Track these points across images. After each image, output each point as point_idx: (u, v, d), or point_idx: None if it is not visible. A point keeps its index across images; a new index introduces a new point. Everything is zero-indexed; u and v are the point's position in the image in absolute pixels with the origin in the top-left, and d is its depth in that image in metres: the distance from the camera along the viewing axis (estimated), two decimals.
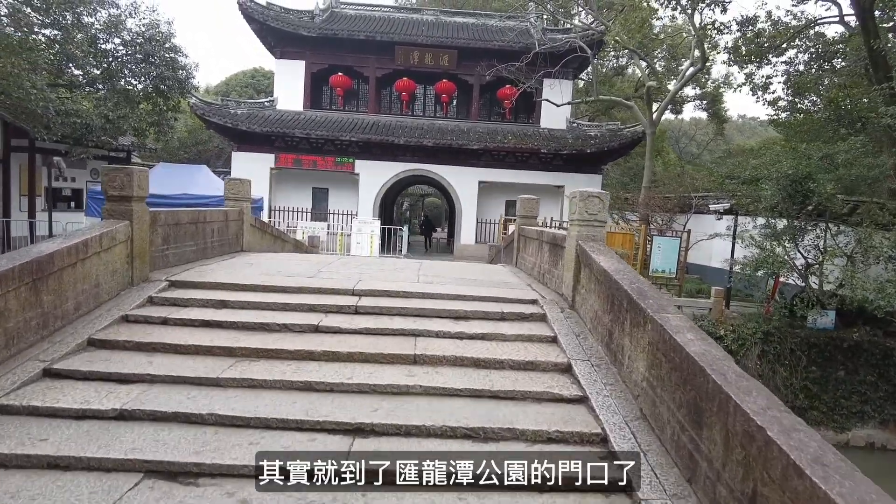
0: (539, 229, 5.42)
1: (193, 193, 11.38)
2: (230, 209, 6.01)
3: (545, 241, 5.07)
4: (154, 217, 4.30)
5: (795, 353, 11.42)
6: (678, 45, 27.63)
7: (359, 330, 3.55)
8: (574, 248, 4.11)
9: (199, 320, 3.57)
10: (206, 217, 5.30)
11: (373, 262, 5.70)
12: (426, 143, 19.73)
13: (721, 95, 32.75)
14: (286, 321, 3.59)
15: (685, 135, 43.08)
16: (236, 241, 6.19)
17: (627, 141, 21.02)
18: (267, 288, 4.19)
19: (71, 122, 11.36)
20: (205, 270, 4.65)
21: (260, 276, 4.56)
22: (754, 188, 12.79)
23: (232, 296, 4.00)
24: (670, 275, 13.93)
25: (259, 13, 19.96)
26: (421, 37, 20.90)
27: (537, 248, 5.44)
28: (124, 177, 3.83)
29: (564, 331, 3.71)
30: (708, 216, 18.73)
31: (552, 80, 19.23)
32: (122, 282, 3.88)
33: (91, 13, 12.07)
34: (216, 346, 3.24)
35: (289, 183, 21.13)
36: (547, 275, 4.96)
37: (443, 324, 3.76)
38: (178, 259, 4.78)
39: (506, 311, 3.97)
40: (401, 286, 4.42)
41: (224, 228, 5.79)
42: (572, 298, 4.16)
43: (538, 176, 21.04)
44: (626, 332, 3.13)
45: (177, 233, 4.75)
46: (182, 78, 13.54)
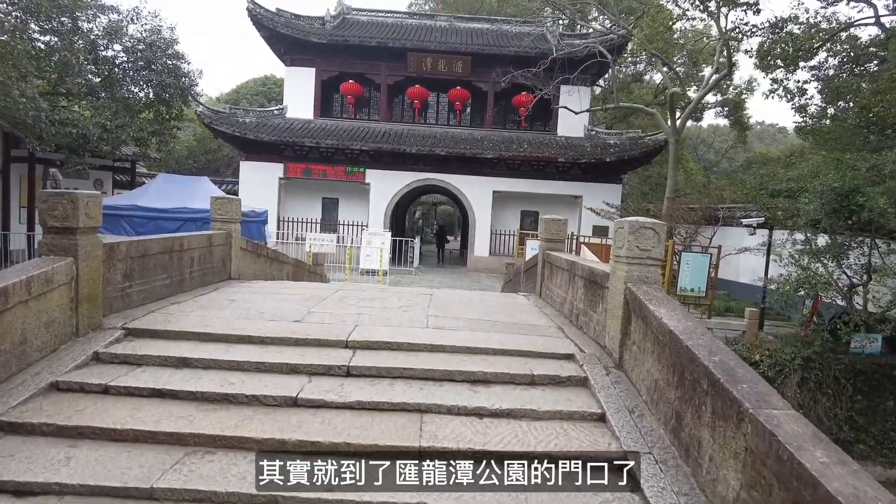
0: (570, 259, 4.60)
1: (193, 207, 10.75)
2: (215, 233, 5.28)
3: (579, 275, 4.25)
4: (111, 250, 3.58)
5: (839, 382, 10.46)
6: (700, 51, 26.65)
7: (349, 404, 2.76)
8: (622, 293, 3.29)
9: (148, 389, 2.81)
10: (184, 244, 4.58)
11: (376, 295, 4.91)
12: (439, 152, 19.03)
13: (743, 102, 31.69)
14: (257, 391, 2.82)
15: (703, 142, 41.97)
16: (223, 269, 5.46)
17: (649, 149, 20.13)
18: (241, 338, 3.43)
19: (67, 132, 10.82)
20: (173, 312, 3.90)
21: (236, 319, 3.80)
22: (793, 202, 11.83)
23: (196, 350, 3.24)
24: (699, 293, 12.97)
25: (269, 20, 19.50)
26: (434, 43, 20.26)
27: (568, 281, 4.62)
28: (67, 204, 3.11)
29: (614, 404, 2.89)
30: (736, 229, 17.68)
31: (570, 86, 18.43)
32: (63, 333, 3.15)
33: (90, 19, 11.57)
34: (162, 430, 2.48)
35: (298, 193, 20.56)
36: (582, 316, 4.13)
37: (457, 392, 2.96)
38: (144, 297, 4.05)
39: (536, 374, 3.16)
40: (406, 334, 3.63)
41: (207, 255, 5.06)
42: (619, 355, 3.34)
43: (555, 186, 20.23)
44: (706, 423, 2.32)
45: (144, 266, 4.03)
46: (185, 86, 13.00)
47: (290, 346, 3.39)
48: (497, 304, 5.03)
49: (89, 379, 2.84)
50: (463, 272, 19.96)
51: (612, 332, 3.43)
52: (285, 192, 20.30)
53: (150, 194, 11.22)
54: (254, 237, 12.45)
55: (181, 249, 4.53)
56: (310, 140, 19.01)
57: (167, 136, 13.51)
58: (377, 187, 19.79)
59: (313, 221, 20.28)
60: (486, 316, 4.32)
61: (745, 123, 31.76)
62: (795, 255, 11.15)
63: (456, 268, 21.42)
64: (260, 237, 12.78)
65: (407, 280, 16.87)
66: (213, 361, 3.11)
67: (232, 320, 3.76)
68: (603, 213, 18.35)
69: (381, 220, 19.83)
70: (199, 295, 4.55)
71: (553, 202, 20.87)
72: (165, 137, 13.43)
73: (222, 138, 20.65)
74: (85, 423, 2.47)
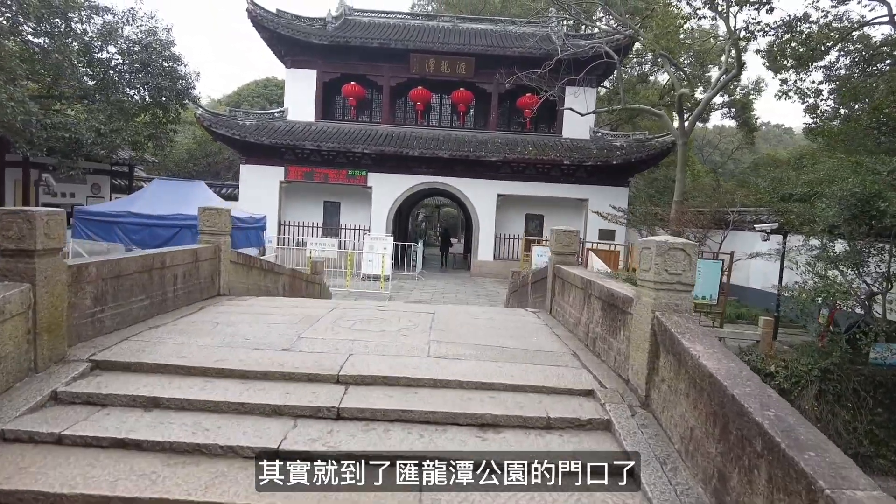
0: (586, 276, 4.21)
1: (187, 213, 10.41)
2: (202, 247, 4.92)
3: (595, 296, 3.87)
4: (79, 272, 3.22)
5: (859, 394, 10.07)
6: (707, 51, 26.22)
7: (339, 455, 2.39)
8: (648, 322, 2.91)
9: (109, 438, 2.45)
10: (167, 261, 4.22)
11: (373, 315, 4.54)
12: (442, 155, 18.68)
13: (751, 103, 31.25)
14: (233, 440, 2.45)
15: (708, 143, 41.54)
16: (211, 285, 5.10)
17: (656, 151, 19.73)
18: (221, 372, 3.07)
19: (59, 136, 10.52)
20: (149, 340, 3.54)
21: (218, 348, 3.43)
22: (808, 206, 11.41)
23: (170, 387, 2.88)
24: (711, 301, 12.55)
25: (269, 21, 19.20)
26: (437, 44, 19.92)
27: (582, 301, 4.24)
28: (23, 223, 2.75)
29: (643, 453, 2.51)
30: (746, 233, 17.25)
31: (575, 87, 18.05)
32: (17, 370, 2.79)
33: (83, 20, 11.27)
34: (119, 496, 2.11)
35: (299, 197, 20.24)
36: (600, 342, 3.75)
37: (462, 440, 2.58)
38: (119, 321, 3.69)
39: (553, 416, 2.77)
40: (405, 366, 3.26)
41: (193, 271, 4.70)
42: (645, 392, 2.96)
43: (560, 189, 19.86)
44: (760, 492, 1.94)
45: (119, 287, 3.67)
46: (181, 88, 12.69)
47: (275, 381, 3.03)
48: (505, 323, 4.65)
49: (41, 426, 2.48)
50: (466, 277, 19.59)
51: (637, 365, 3.05)
52: (286, 196, 19.99)
53: (144, 200, 10.91)
54: (252, 244, 12.12)
55: (163, 267, 4.18)
56: (311, 143, 18.70)
57: (164, 140, 13.18)
58: (379, 191, 19.45)
59: (315, 226, 19.96)
60: (493, 340, 3.94)
61: (752, 125, 31.32)
62: (812, 262, 10.74)
63: (459, 272, 21.05)
64: (258, 244, 12.45)
65: (409, 286, 16.51)
66: (187, 402, 2.75)
67: (213, 349, 3.39)
68: (610, 217, 17.94)
69: (384, 224, 19.48)
70: (181, 316, 4.19)
71: (558, 205, 20.49)
72: (162, 141, 13.11)
73: (222, 141, 20.36)
74: (26, 486, 2.11)
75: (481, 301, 14.55)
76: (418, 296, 14.84)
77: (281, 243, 18.90)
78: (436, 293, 15.47)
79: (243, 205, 18.51)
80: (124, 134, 11.57)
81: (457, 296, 15.20)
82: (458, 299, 14.65)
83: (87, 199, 16.27)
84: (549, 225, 20.89)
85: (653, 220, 17.61)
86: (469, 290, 16.40)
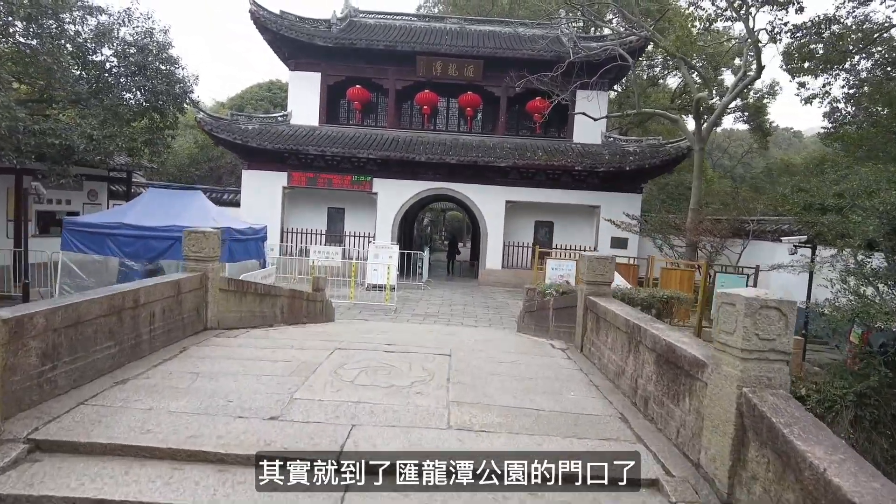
0: (631, 318, 3.56)
1: (183, 225, 9.81)
2: (186, 277, 4.30)
3: (647, 346, 3.23)
4: (19, 326, 2.61)
5: None
6: (722, 54, 25.53)
7: None
8: (733, 399, 2.28)
9: None
10: (140, 298, 3.62)
11: (381, 360, 3.91)
12: (449, 161, 18.07)
13: (765, 107, 30.51)
14: None
15: (717, 147, 40.78)
16: (196, 319, 4.49)
17: (671, 157, 19.05)
18: (194, 455, 2.45)
19: (49, 143, 9.97)
20: (111, 403, 2.91)
21: (193, 415, 2.81)
22: (842, 218, 10.70)
23: (125, 480, 2.26)
24: None
25: (272, 23, 18.68)
26: (444, 46, 19.34)
27: (626, 347, 3.61)
28: None
29: None
30: (766, 243, 16.55)
31: (588, 91, 17.38)
32: None
33: (76, 21, 10.73)
34: None
35: (303, 203, 19.70)
36: (654, 404, 3.11)
37: None
38: (76, 378, 3.07)
39: None
40: (420, 442, 2.64)
41: (174, 306, 4.10)
42: (728, 489, 2.32)
43: (571, 195, 19.21)
44: None
45: (77, 336, 3.06)
46: (179, 92, 12.14)
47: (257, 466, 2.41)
48: (532, 369, 4.00)
49: None
50: (474, 286, 18.95)
51: (715, 450, 2.42)
52: (289, 202, 19.44)
53: (137, 211, 10.34)
54: (252, 256, 11.53)
55: (136, 306, 3.57)
56: (315, 148, 18.14)
57: (161, 146, 12.62)
58: (385, 197, 18.87)
59: (318, 233, 19.39)
60: (523, 397, 3.31)
61: (766, 129, 30.50)
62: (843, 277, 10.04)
63: (467, 281, 20.41)
64: (259, 256, 11.88)
65: (416, 296, 15.90)
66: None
67: (187, 417, 2.78)
68: (623, 226, 17.27)
69: (389, 231, 18.90)
70: (158, 363, 3.58)
71: (569, 212, 19.85)
72: (159, 147, 12.55)
73: (224, 146, 19.84)
74: None
75: (491, 313, 13.91)
76: (425, 308, 14.23)
77: (284, 251, 18.34)
78: (443, 305, 14.85)
79: (245, 211, 17.96)
80: (118, 140, 11.00)
81: (465, 308, 14.57)
82: (466, 312, 14.02)
83: (84, 206, 15.75)
84: (560, 232, 20.26)
85: (668, 229, 16.93)
86: (478, 301, 15.77)
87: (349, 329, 6.54)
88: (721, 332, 2.40)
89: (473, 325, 12.09)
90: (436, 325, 11.83)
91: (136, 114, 12.04)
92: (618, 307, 4.03)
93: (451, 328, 10.86)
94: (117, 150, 11.34)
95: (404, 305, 14.19)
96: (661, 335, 3.08)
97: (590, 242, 19.50)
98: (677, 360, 2.83)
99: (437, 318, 12.95)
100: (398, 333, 5.81)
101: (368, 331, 5.89)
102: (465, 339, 5.61)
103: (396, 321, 12.09)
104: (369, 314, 12.82)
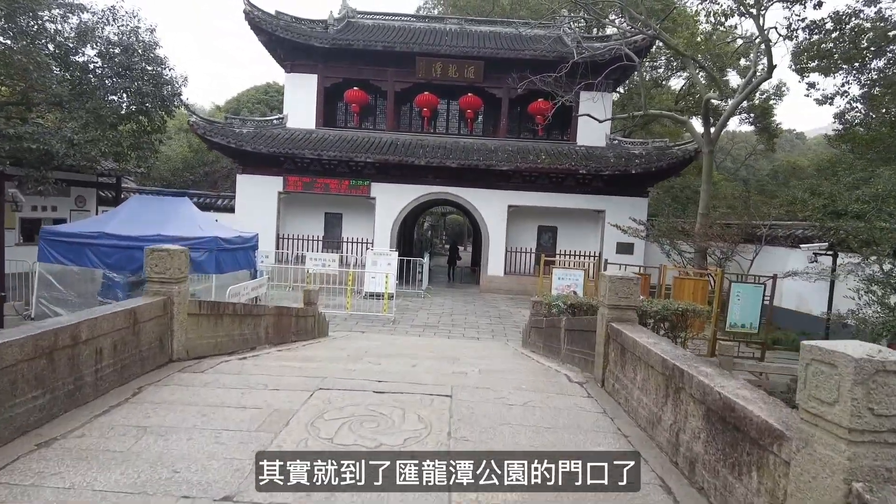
0: (668, 358, 2.97)
1: (168, 235, 9.25)
2: (144, 304, 3.68)
3: (695, 397, 2.64)
4: None
5: None
6: (728, 54, 24.97)
7: None
8: (841, 495, 1.70)
9: None
10: (82, 333, 3.03)
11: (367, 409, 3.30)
12: (449, 164, 17.52)
13: (772, 108, 29.95)
14: None
15: (721, 149, 40.22)
16: (160, 351, 3.90)
17: (678, 160, 18.47)
18: None
19: (25, 148, 9.41)
20: (22, 480, 2.28)
21: (122, 497, 2.17)
22: (867, 225, 10.07)
23: None
24: (751, 330, 11.18)
25: (267, 23, 18.15)
26: (444, 47, 18.80)
27: (663, 391, 3.02)
28: None
29: None
30: (778, 249, 15.95)
31: (592, 92, 16.82)
32: None
33: (55, 19, 10.18)
34: None
35: (299, 208, 19.14)
36: (705, 472, 2.52)
37: None
38: None
39: None
40: None
41: (129, 339, 3.51)
42: None
43: (575, 199, 18.63)
44: None
45: None
46: (167, 94, 11.58)
47: None
48: (550, 415, 3.40)
49: None
50: (475, 293, 18.36)
51: None
52: (285, 208, 18.87)
53: (120, 219, 9.76)
54: (241, 266, 10.93)
55: (75, 343, 2.98)
56: (311, 151, 17.58)
57: (148, 151, 12.05)
58: (383, 202, 18.31)
59: (315, 239, 18.81)
60: (543, 461, 2.72)
61: (773, 131, 29.94)
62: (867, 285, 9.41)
63: (468, 288, 19.81)
64: (249, 266, 11.29)
65: (415, 305, 15.31)
66: None
67: (113, 500, 2.18)
68: (630, 231, 16.66)
69: (388, 236, 18.32)
70: (99, 413, 2.98)
71: (573, 217, 19.28)
72: (146, 152, 11.98)
73: (218, 150, 19.30)
74: None
75: (494, 324, 13.32)
76: (425, 318, 13.63)
77: (279, 258, 17.77)
78: (444, 315, 14.25)
79: (240, 217, 17.40)
80: (101, 144, 10.44)
81: (466, 318, 13.98)
82: (468, 322, 13.43)
83: (72, 212, 15.19)
84: (563, 238, 19.68)
85: (676, 234, 16.33)
86: (480, 311, 15.18)
87: (339, 353, 5.92)
88: (812, 400, 1.82)
89: (476, 338, 11.49)
90: (436, 337, 11.24)
91: (121, 117, 11.48)
92: (648, 338, 3.44)
93: (452, 342, 10.27)
94: (101, 154, 10.78)
95: (403, 315, 13.61)
96: (713, 384, 2.49)
97: (595, 248, 18.92)
98: (738, 422, 2.25)
99: (437, 329, 12.35)
100: (392, 361, 5.19)
101: (359, 357, 5.27)
102: (468, 367, 5.00)
103: (394, 333, 11.50)
104: (366, 325, 12.23)
